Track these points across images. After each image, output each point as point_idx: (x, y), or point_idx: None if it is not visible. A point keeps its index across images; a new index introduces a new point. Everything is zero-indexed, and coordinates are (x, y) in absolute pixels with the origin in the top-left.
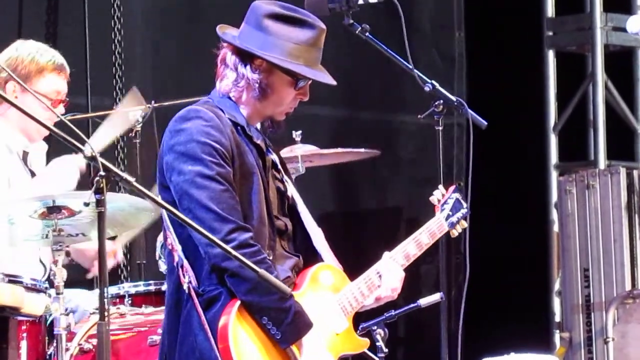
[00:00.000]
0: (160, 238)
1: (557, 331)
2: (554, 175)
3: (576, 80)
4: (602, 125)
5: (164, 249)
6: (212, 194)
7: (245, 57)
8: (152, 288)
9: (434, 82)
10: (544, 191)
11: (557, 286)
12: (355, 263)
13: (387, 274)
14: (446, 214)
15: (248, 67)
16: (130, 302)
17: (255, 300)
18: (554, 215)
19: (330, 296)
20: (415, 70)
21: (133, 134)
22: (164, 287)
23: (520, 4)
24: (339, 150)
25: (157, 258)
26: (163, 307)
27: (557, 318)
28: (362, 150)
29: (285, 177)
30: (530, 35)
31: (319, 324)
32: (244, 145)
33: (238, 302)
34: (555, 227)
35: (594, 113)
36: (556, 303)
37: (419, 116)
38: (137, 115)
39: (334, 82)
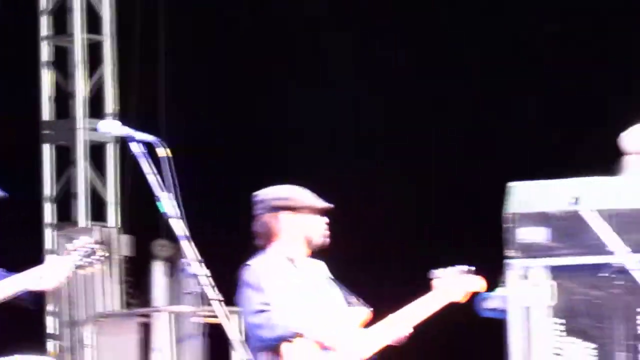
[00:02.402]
0: None
1: (51, 340)
2: (47, 231)
3: (67, 164)
4: (84, 196)
5: None
6: None
7: None
8: None
9: None
10: (39, 244)
11: (51, 308)
12: None
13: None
14: (75, 257)
15: None
16: None
17: None
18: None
19: None
20: None
21: None
22: None
23: (23, 110)
24: None
25: None
26: None
27: (51, 330)
28: None
29: None
30: (31, 133)
31: None
32: None
33: None
34: None
35: (79, 188)
36: (50, 321)
37: None
38: None
39: None
